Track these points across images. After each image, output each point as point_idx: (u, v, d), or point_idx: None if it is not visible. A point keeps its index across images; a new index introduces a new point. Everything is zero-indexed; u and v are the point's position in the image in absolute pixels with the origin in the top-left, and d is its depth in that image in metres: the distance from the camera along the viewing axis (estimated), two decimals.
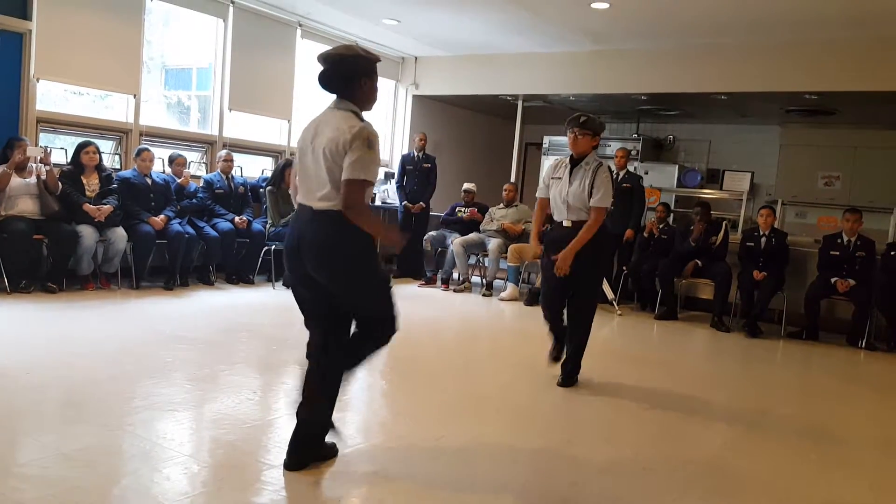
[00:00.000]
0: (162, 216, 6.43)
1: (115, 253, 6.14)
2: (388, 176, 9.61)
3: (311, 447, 2.76)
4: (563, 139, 4.34)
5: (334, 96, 2.75)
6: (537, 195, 4.43)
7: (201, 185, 7.23)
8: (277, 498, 2.54)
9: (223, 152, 7.40)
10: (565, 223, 4.25)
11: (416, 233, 8.48)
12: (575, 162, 4.26)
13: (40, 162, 5.80)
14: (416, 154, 8.70)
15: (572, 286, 4.25)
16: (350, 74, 2.71)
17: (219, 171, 7.29)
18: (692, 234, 7.15)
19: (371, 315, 2.78)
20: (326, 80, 2.73)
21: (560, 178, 4.27)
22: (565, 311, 4.38)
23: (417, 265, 8.49)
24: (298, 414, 2.75)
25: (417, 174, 8.61)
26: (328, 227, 2.62)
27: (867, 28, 6.81)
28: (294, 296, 2.84)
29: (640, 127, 10.95)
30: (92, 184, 6.14)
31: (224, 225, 6.97)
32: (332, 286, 2.68)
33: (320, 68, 2.73)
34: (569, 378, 4.33)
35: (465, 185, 8.67)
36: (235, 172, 7.49)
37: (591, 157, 4.25)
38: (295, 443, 2.72)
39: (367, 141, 2.59)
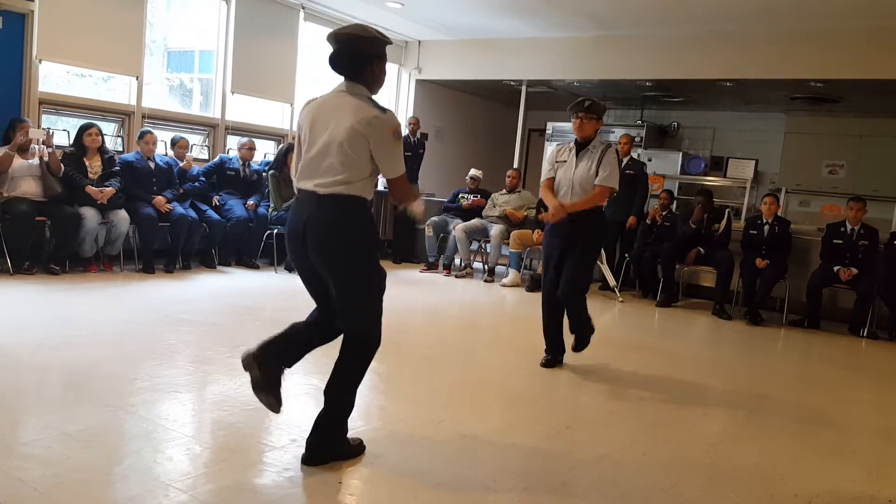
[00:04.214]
0: (161, 197, 6.43)
1: (117, 235, 6.15)
2: None
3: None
4: (567, 125, 4.34)
5: (341, 78, 2.66)
6: (544, 177, 4.40)
7: (216, 160, 7.42)
8: (279, 479, 2.55)
9: (245, 140, 7.50)
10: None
11: (410, 218, 8.57)
12: (581, 146, 4.25)
13: (42, 143, 5.80)
14: (412, 138, 8.69)
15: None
16: (363, 56, 2.62)
17: (237, 157, 7.42)
18: (692, 217, 7.15)
19: (354, 322, 2.66)
20: (337, 61, 2.64)
21: (565, 162, 4.27)
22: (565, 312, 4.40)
23: (412, 249, 8.72)
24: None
25: (415, 159, 8.62)
26: (336, 212, 2.57)
27: (873, 16, 6.76)
28: (301, 280, 2.80)
29: (644, 113, 10.90)
30: (94, 166, 6.14)
31: (239, 211, 7.02)
32: (330, 273, 2.61)
33: (331, 49, 2.65)
34: (578, 343, 4.41)
35: (472, 172, 8.64)
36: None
37: (596, 141, 4.26)
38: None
39: (395, 133, 2.58)
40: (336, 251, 2.59)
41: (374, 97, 2.66)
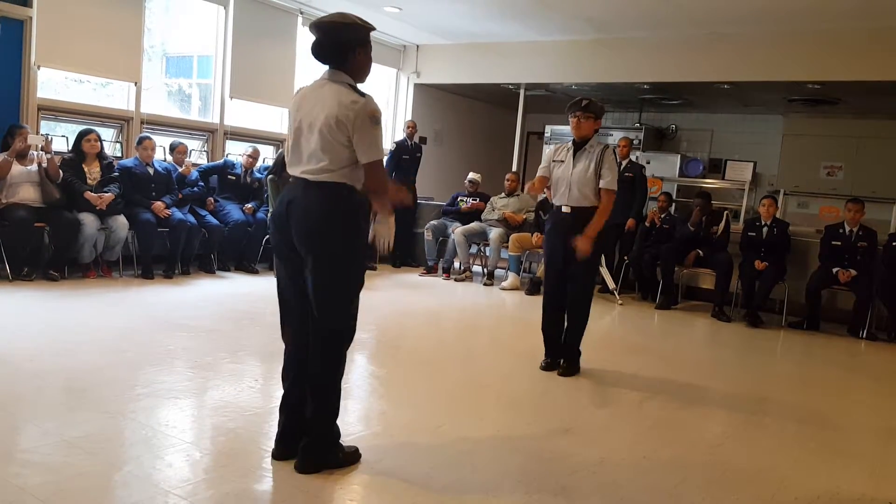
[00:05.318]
0: (160, 203, 6.42)
1: (116, 241, 6.15)
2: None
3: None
4: (565, 128, 4.36)
5: (326, 67, 2.65)
6: (538, 174, 4.42)
7: (219, 162, 7.46)
8: (279, 485, 2.55)
9: (249, 148, 7.53)
10: (564, 209, 4.26)
11: (407, 220, 8.54)
12: (578, 146, 4.26)
13: (41, 150, 5.80)
14: (409, 142, 8.69)
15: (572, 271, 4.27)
16: (345, 44, 2.61)
17: (241, 162, 7.45)
18: (691, 219, 7.16)
19: (328, 314, 2.61)
20: (319, 50, 2.63)
21: (562, 162, 4.28)
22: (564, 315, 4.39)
23: (411, 252, 8.70)
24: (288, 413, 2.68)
25: (412, 162, 8.63)
26: (321, 198, 2.56)
27: (871, 17, 6.77)
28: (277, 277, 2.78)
29: (643, 116, 10.92)
30: (93, 172, 6.14)
31: (237, 215, 7.02)
32: (308, 258, 2.58)
33: (312, 38, 2.64)
34: (569, 367, 4.34)
35: (471, 176, 8.63)
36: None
37: (593, 141, 4.26)
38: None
39: (372, 118, 2.54)
40: (317, 235, 2.55)
41: (356, 84, 2.63)
